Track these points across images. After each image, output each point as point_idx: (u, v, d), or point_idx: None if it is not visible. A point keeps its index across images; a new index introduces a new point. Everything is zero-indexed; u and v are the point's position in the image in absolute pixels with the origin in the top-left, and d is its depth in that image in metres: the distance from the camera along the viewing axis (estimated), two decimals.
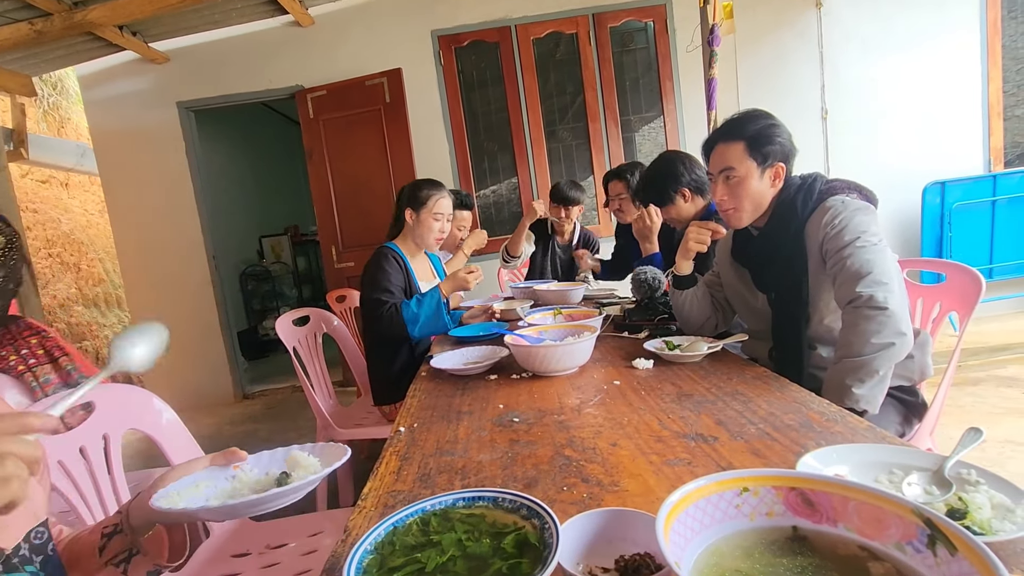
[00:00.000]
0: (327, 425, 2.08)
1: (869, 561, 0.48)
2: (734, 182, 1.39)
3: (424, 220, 2.03)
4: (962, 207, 3.84)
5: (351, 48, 4.05)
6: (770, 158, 1.36)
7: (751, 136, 1.36)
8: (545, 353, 1.32)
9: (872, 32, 4.00)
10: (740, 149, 1.37)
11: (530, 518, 0.62)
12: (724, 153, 1.40)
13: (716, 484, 0.54)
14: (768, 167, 1.37)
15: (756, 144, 1.36)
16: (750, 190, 1.37)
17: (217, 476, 0.71)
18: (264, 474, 0.73)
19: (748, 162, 1.37)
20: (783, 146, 1.37)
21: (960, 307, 1.45)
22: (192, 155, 4.24)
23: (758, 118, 1.39)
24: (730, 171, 1.39)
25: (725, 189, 1.41)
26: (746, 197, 1.38)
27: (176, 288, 4.30)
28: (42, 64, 3.81)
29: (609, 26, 4.05)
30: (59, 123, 5.70)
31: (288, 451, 0.75)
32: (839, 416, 0.94)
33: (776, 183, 1.39)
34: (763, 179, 1.37)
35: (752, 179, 1.37)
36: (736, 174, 1.38)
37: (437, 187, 2.07)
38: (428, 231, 2.04)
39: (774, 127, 1.37)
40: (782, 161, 1.37)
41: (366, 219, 3.95)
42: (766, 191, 1.39)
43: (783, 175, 1.38)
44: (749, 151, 1.37)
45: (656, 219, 2.10)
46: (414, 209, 2.04)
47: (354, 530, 0.73)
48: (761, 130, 1.37)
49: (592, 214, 4.27)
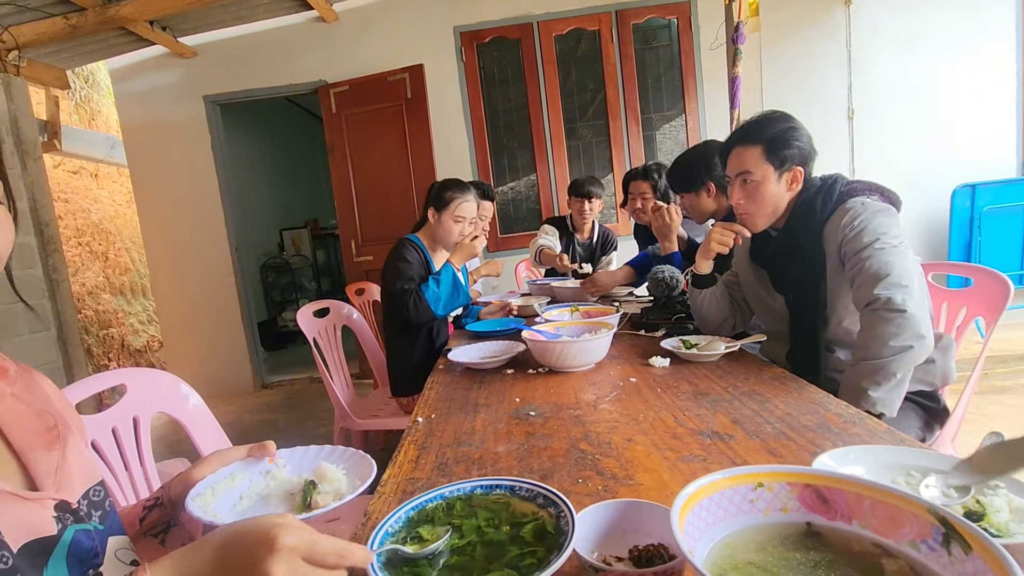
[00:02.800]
0: (345, 415, 2.12)
1: (883, 558, 0.49)
2: (751, 186, 1.38)
3: (444, 222, 2.05)
4: (993, 211, 3.74)
5: (374, 44, 4.09)
6: (788, 162, 1.35)
7: (769, 140, 1.36)
8: (562, 349, 1.33)
9: (903, 31, 3.92)
10: (758, 153, 1.36)
11: (546, 507, 0.63)
12: (742, 156, 1.39)
13: (731, 478, 0.55)
14: (786, 171, 1.36)
15: (774, 148, 1.35)
16: (767, 194, 1.37)
17: (252, 470, 0.74)
18: (296, 475, 0.75)
19: (765, 166, 1.36)
20: (802, 150, 1.35)
21: (987, 312, 1.42)
22: (217, 148, 4.32)
23: (777, 121, 1.38)
24: (747, 175, 1.38)
25: (742, 193, 1.40)
26: (762, 201, 1.38)
27: (199, 279, 4.40)
28: (76, 58, 3.92)
29: (632, 23, 4.03)
30: (90, 115, 5.85)
31: (317, 456, 0.77)
32: (857, 418, 0.94)
33: (794, 187, 1.38)
34: (780, 183, 1.37)
35: (769, 183, 1.36)
36: (753, 178, 1.37)
37: (462, 189, 2.06)
38: (448, 233, 2.06)
39: (793, 130, 1.36)
40: (800, 165, 1.36)
41: (386, 214, 3.99)
42: (783, 195, 1.38)
43: (801, 179, 1.37)
44: (767, 155, 1.36)
45: (676, 217, 2.09)
46: (437, 209, 2.06)
47: (374, 514, 0.75)
48: (780, 133, 1.35)
49: (610, 212, 4.26)
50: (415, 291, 1.88)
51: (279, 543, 0.43)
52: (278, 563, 0.43)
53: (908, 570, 0.47)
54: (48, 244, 3.24)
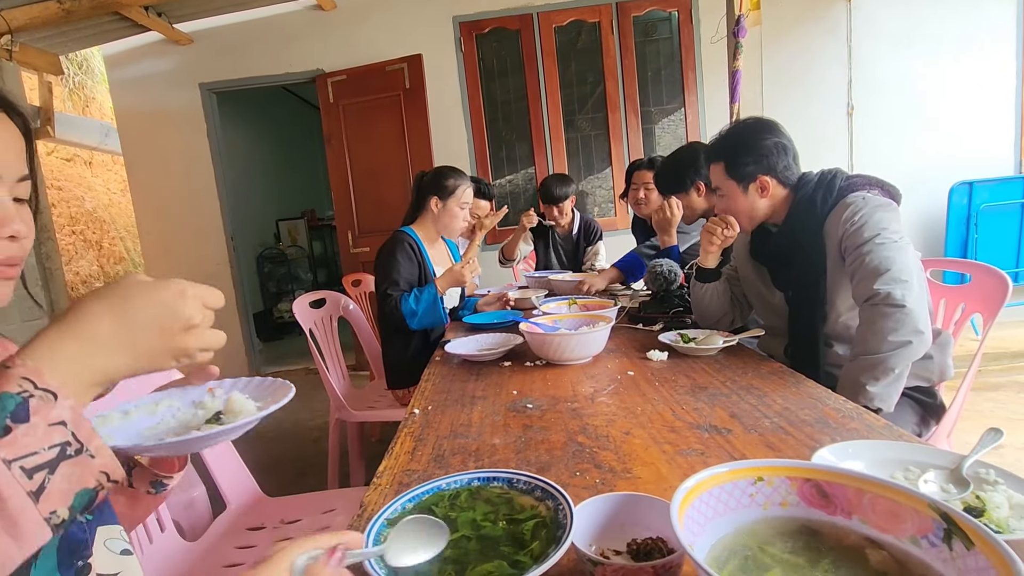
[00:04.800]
0: (341, 407, 2.11)
1: (867, 548, 0.49)
2: (724, 200, 1.46)
3: (451, 209, 2.05)
4: (990, 208, 3.75)
5: (372, 33, 4.05)
6: (747, 178, 1.40)
7: (728, 157, 1.42)
8: (560, 341, 1.32)
9: (903, 28, 3.90)
10: (720, 170, 1.44)
11: (544, 500, 0.63)
12: (712, 171, 1.48)
13: (731, 472, 0.54)
14: (750, 183, 1.40)
15: (733, 165, 1.41)
16: (737, 206, 1.44)
17: (184, 398, 0.65)
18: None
19: (728, 182, 1.42)
20: (767, 158, 1.37)
21: (984, 309, 1.42)
22: (213, 137, 4.28)
23: (739, 135, 1.43)
24: (717, 189, 1.46)
25: (720, 204, 1.48)
26: (737, 211, 1.45)
27: (194, 268, 4.36)
28: (69, 43, 3.86)
29: (633, 15, 4.00)
30: (84, 102, 5.79)
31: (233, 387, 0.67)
32: (855, 413, 0.94)
33: (764, 194, 1.40)
34: (748, 194, 1.41)
35: (737, 197, 1.43)
36: (722, 192, 1.45)
37: (463, 176, 2.09)
38: (454, 219, 2.06)
39: (754, 142, 1.38)
40: (766, 173, 1.38)
41: (383, 205, 3.97)
42: (756, 203, 1.42)
43: (770, 186, 1.39)
44: (727, 172, 1.42)
45: (677, 212, 2.09)
46: (441, 197, 2.05)
47: (370, 506, 0.74)
48: (737, 150, 1.40)
49: (608, 206, 4.25)
50: (396, 300, 1.89)
51: (187, 289, 0.47)
52: (187, 303, 0.47)
53: (891, 560, 0.47)
54: (41, 232, 3.21)
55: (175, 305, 0.46)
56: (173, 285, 0.47)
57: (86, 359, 0.43)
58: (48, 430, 0.39)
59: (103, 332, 0.44)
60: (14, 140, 0.57)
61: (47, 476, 0.39)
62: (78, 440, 0.41)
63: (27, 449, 0.38)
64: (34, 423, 0.39)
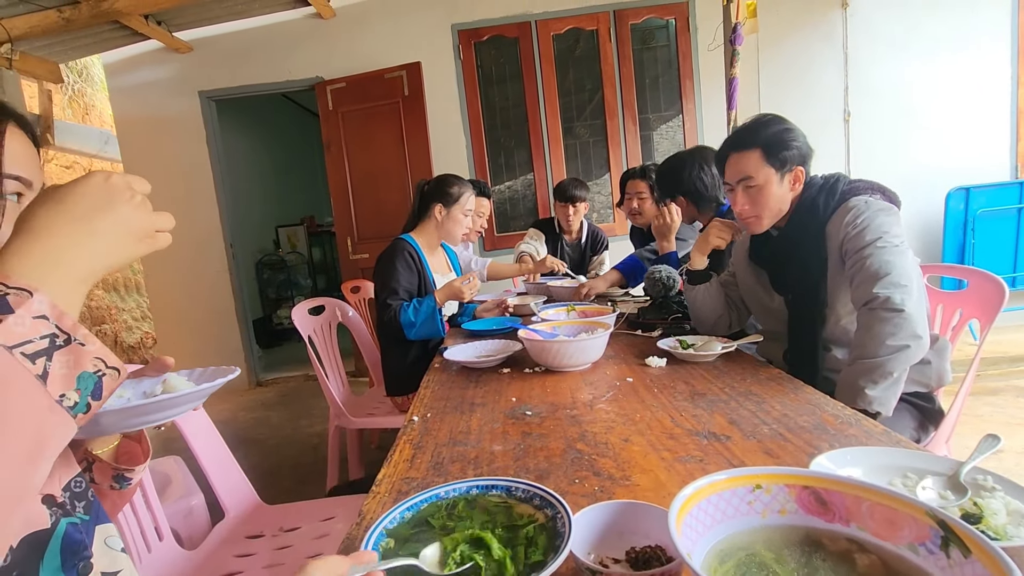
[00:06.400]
0: (340, 414, 2.11)
1: (856, 553, 0.49)
2: (754, 190, 1.37)
3: (455, 216, 2.08)
4: (987, 214, 3.76)
5: (371, 41, 4.07)
6: (788, 163, 1.35)
7: (766, 142, 1.35)
8: (559, 348, 1.32)
9: (899, 34, 3.93)
10: (756, 157, 1.36)
11: (543, 508, 0.62)
12: (740, 162, 1.39)
13: (729, 480, 0.54)
14: (787, 172, 1.36)
15: (772, 150, 1.35)
16: (770, 197, 1.36)
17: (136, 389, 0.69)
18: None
19: (766, 169, 1.36)
20: (800, 150, 1.35)
21: (981, 315, 1.43)
22: (212, 144, 4.29)
23: (771, 123, 1.38)
24: (748, 179, 1.37)
25: (745, 198, 1.39)
26: (766, 204, 1.37)
27: (194, 275, 4.37)
28: (69, 51, 3.88)
29: (630, 23, 4.03)
30: (84, 110, 5.79)
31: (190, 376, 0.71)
32: (854, 419, 0.94)
33: (796, 187, 1.38)
34: (783, 184, 1.37)
35: (772, 185, 1.36)
36: (755, 182, 1.37)
37: (466, 183, 2.12)
38: (457, 226, 2.09)
39: (788, 131, 1.36)
40: (800, 164, 1.36)
41: (382, 212, 3.98)
42: (786, 196, 1.38)
43: (803, 178, 1.37)
44: (766, 158, 1.35)
45: (676, 218, 2.10)
46: (445, 205, 2.06)
47: (368, 514, 0.74)
48: (776, 135, 1.35)
49: (607, 212, 4.26)
50: (395, 310, 1.90)
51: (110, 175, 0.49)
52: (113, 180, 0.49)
53: (879, 564, 0.47)
54: None
55: (104, 185, 0.48)
56: (94, 175, 0.49)
57: (57, 257, 0.44)
58: (34, 322, 0.41)
59: (58, 229, 0.45)
60: (33, 151, 0.59)
61: (46, 363, 0.40)
62: (63, 331, 0.42)
63: (22, 337, 0.39)
64: (20, 314, 0.40)
